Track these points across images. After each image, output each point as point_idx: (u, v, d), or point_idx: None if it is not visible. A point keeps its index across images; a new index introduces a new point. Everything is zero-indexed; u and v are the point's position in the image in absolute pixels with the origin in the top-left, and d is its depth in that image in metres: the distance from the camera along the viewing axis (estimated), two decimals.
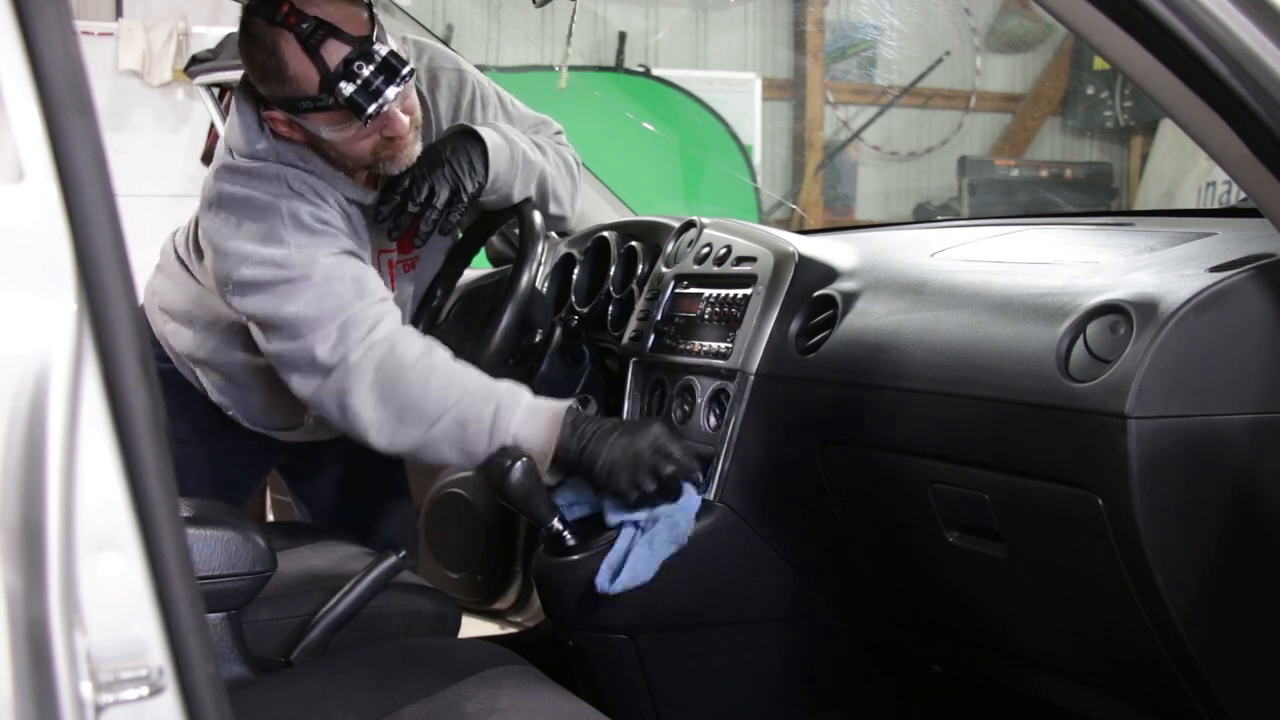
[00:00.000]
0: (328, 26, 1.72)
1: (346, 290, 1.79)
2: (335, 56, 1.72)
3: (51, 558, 0.67)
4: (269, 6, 1.73)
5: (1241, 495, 1.27)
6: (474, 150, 1.90)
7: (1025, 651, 1.61)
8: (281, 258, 1.79)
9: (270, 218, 1.81)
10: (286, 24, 1.71)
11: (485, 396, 1.75)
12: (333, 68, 1.72)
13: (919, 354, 1.51)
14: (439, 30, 5.92)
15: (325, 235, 1.83)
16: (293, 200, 1.83)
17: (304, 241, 1.81)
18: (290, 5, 1.72)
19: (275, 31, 1.72)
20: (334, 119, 1.77)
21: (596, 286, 2.19)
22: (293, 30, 1.71)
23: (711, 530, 1.75)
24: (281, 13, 1.71)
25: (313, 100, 1.74)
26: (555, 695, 1.50)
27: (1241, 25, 1.13)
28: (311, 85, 1.73)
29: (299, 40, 1.71)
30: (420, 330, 2.15)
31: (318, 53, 1.71)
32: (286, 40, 1.72)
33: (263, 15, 1.73)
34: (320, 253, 1.81)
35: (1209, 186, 6.05)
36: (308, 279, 1.78)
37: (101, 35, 5.37)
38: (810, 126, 7.23)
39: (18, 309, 0.71)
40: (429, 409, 1.74)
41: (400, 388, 1.75)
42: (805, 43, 7.37)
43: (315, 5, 1.73)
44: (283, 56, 1.73)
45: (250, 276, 1.80)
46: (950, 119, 7.50)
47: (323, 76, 1.72)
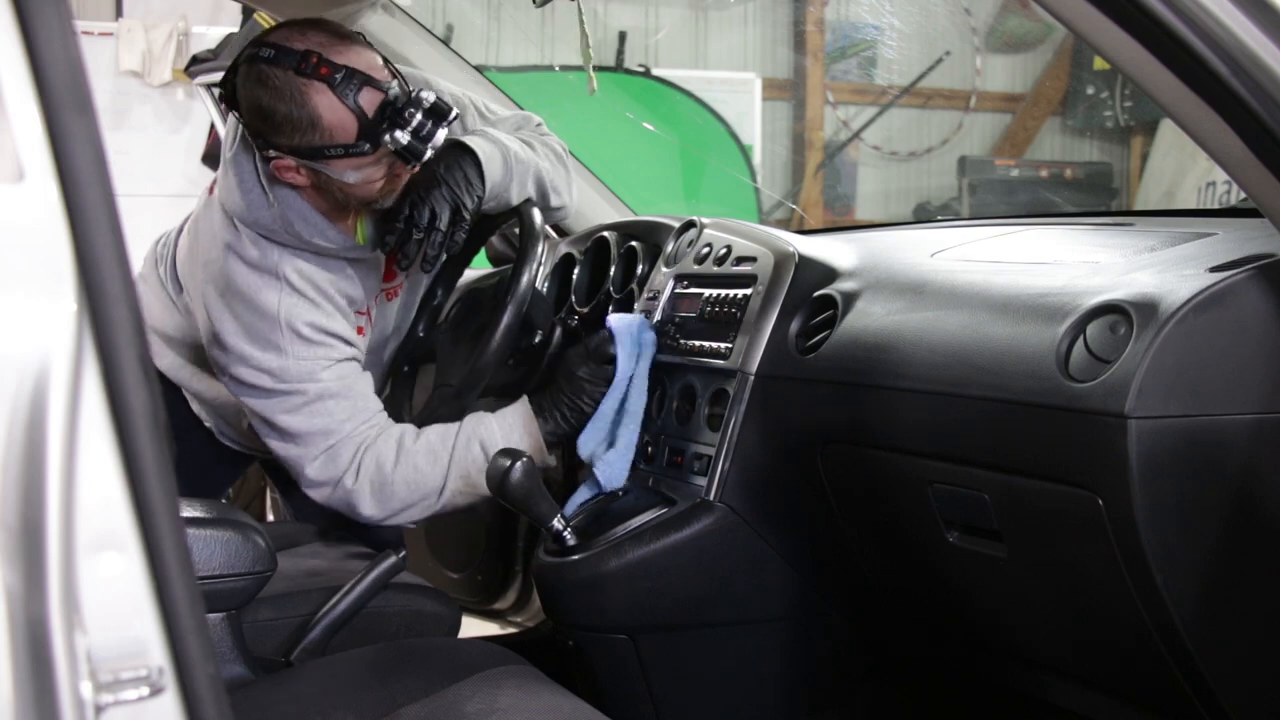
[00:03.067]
0: (361, 75, 1.73)
1: (339, 410, 1.87)
2: (372, 104, 1.73)
3: (51, 558, 0.67)
4: (291, 56, 1.72)
5: (1241, 495, 1.27)
6: (467, 164, 1.90)
7: (1025, 651, 1.61)
8: (278, 369, 1.84)
9: (270, 324, 1.84)
10: (318, 74, 1.71)
11: (465, 443, 1.88)
12: (371, 114, 1.73)
13: (919, 354, 1.51)
14: (439, 30, 5.92)
15: (323, 346, 1.86)
16: (294, 303, 1.85)
17: (303, 354, 1.85)
18: (319, 56, 1.72)
19: (304, 82, 1.72)
20: (359, 163, 1.77)
21: (596, 286, 2.19)
22: (325, 80, 1.71)
23: (711, 530, 1.76)
24: (311, 64, 1.71)
25: (345, 148, 1.74)
26: (555, 695, 1.50)
27: (1241, 25, 1.13)
28: (348, 134, 1.73)
29: (332, 90, 1.72)
30: (420, 331, 2.16)
31: (355, 101, 1.72)
32: (318, 90, 1.71)
33: (287, 66, 1.72)
34: (318, 366, 1.86)
35: (1209, 186, 6.05)
36: (303, 394, 1.85)
37: (101, 35, 5.37)
38: (810, 126, 7.22)
39: (18, 309, 0.70)
40: (432, 485, 1.89)
41: (397, 488, 1.88)
42: (805, 43, 7.36)
43: (340, 52, 1.74)
44: (314, 107, 1.72)
45: (247, 379, 1.85)
46: (950, 119, 7.50)
47: (361, 124, 1.73)
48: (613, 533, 1.78)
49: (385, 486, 1.88)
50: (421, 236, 1.86)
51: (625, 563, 1.74)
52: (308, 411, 1.85)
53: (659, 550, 1.75)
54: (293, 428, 1.86)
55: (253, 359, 1.84)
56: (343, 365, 1.89)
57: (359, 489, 1.88)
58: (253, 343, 1.84)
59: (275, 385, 1.84)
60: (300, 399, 1.85)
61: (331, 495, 1.90)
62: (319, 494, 1.91)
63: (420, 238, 1.86)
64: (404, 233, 1.86)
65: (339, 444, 1.87)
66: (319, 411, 1.86)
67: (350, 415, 1.87)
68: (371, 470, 1.87)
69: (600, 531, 1.79)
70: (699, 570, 1.77)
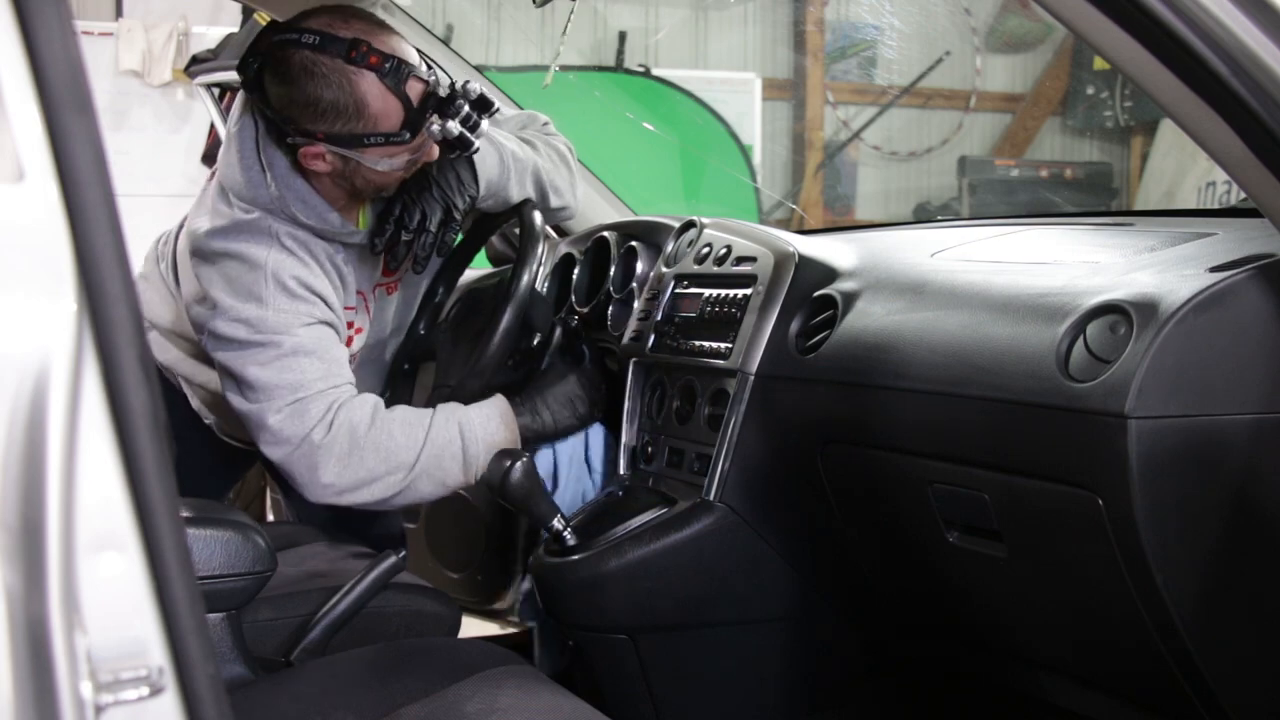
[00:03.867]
0: (408, 65, 1.75)
1: (311, 368, 1.82)
2: (417, 94, 1.75)
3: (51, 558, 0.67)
4: (340, 44, 1.73)
5: (1241, 495, 1.27)
6: (460, 164, 1.91)
7: (1025, 651, 1.61)
8: (257, 319, 1.81)
9: (255, 275, 1.82)
10: (367, 64, 1.72)
11: (444, 421, 1.84)
12: (417, 104, 1.75)
13: (919, 354, 1.51)
14: (439, 30, 5.92)
15: (305, 302, 1.84)
16: (282, 258, 1.84)
17: (284, 305, 1.82)
18: (369, 45, 1.73)
19: (352, 70, 1.72)
20: (395, 152, 1.79)
21: (596, 286, 2.19)
22: (374, 70, 1.73)
23: (711, 530, 1.76)
24: (361, 52, 1.73)
25: (386, 136, 1.76)
26: (555, 695, 1.51)
27: (1241, 25, 1.13)
28: (393, 122, 1.75)
29: (380, 79, 1.73)
30: (421, 330, 2.16)
31: (401, 89, 1.74)
32: (366, 79, 1.73)
33: (335, 53, 1.73)
34: (297, 321, 1.83)
35: (1209, 186, 6.05)
36: (277, 346, 1.81)
37: (101, 35, 5.37)
38: (810, 126, 7.22)
39: (18, 309, 0.70)
40: (404, 458, 1.82)
41: (369, 452, 1.80)
42: (805, 43, 7.36)
43: (385, 41, 1.75)
44: (361, 94, 1.73)
45: (224, 331, 1.82)
46: (950, 119, 7.50)
47: (407, 114, 1.75)
48: (613, 533, 1.78)
49: (355, 450, 1.80)
50: (411, 238, 1.86)
51: (625, 563, 1.75)
52: (279, 365, 1.80)
53: (659, 550, 1.75)
54: (261, 380, 1.80)
55: (232, 310, 1.81)
56: (321, 327, 1.85)
57: (326, 446, 1.79)
58: (234, 294, 1.82)
59: (251, 336, 1.80)
60: (274, 351, 1.80)
61: (293, 453, 1.80)
62: (279, 451, 1.81)
63: (409, 239, 1.86)
64: (394, 233, 1.86)
65: (308, 399, 1.80)
66: (291, 366, 1.80)
67: (322, 375, 1.82)
68: (344, 429, 1.79)
69: (600, 531, 1.79)
70: (699, 570, 1.77)
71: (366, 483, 1.82)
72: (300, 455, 1.80)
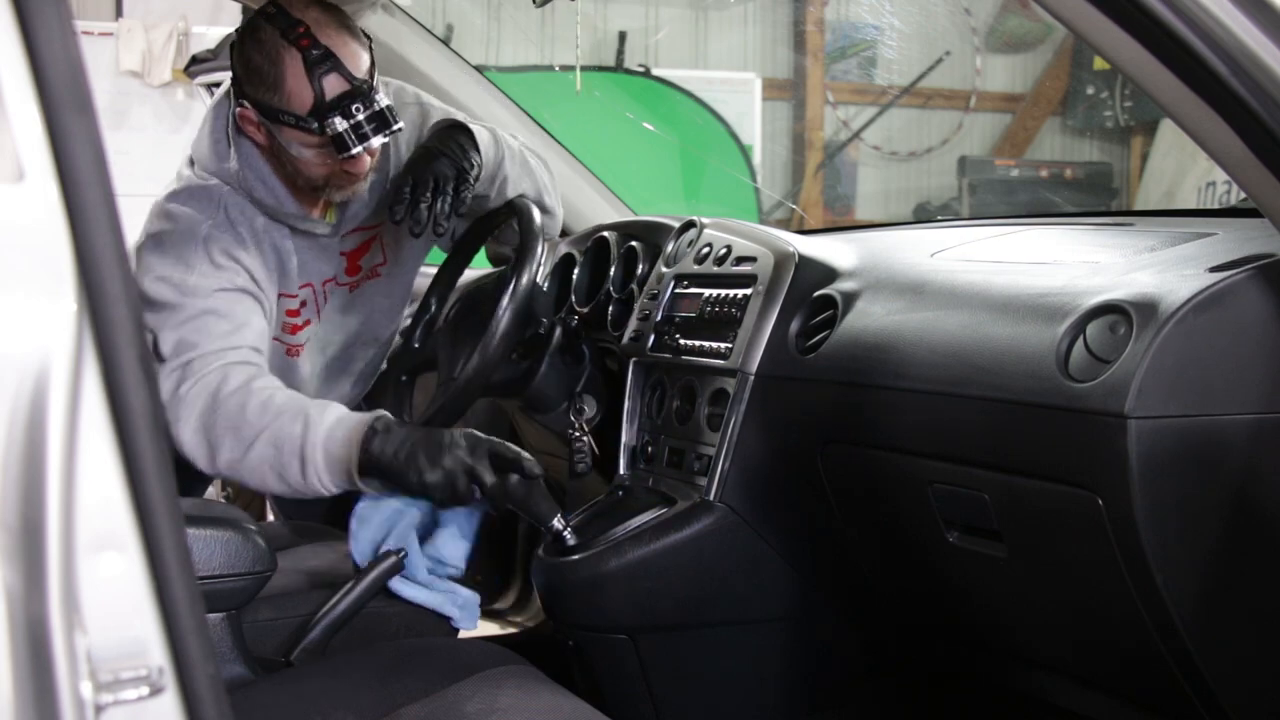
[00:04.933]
0: (335, 60, 1.80)
1: (216, 328, 1.82)
2: (334, 89, 1.79)
3: (51, 558, 0.67)
4: (284, 19, 1.80)
5: (1241, 495, 1.27)
6: (461, 136, 1.96)
7: (1025, 651, 1.61)
8: (178, 280, 1.84)
9: (190, 241, 1.86)
10: (298, 44, 1.78)
11: (295, 414, 1.76)
12: (329, 99, 1.79)
13: (919, 354, 1.51)
14: (439, 30, 5.92)
15: (227, 271, 1.87)
16: (219, 232, 1.88)
17: (206, 271, 1.86)
18: (307, 28, 1.79)
19: (284, 46, 1.79)
20: (306, 140, 1.83)
21: (596, 286, 2.19)
22: (302, 52, 1.78)
23: (711, 530, 1.76)
24: (297, 32, 1.79)
25: (296, 118, 1.81)
26: (555, 695, 1.51)
27: (1241, 25, 1.13)
28: (303, 106, 1.80)
29: (305, 63, 1.79)
30: (420, 333, 2.16)
31: (320, 80, 1.79)
32: (293, 57, 1.79)
33: (276, 26, 1.80)
34: (214, 285, 1.85)
35: (1209, 186, 6.05)
36: (187, 308, 1.83)
37: (101, 35, 5.37)
38: (810, 126, 7.22)
39: (18, 309, 0.70)
40: (245, 433, 1.76)
41: (219, 415, 1.77)
42: (805, 43, 7.36)
43: (328, 35, 1.80)
44: (284, 69, 1.79)
45: (149, 291, 1.85)
46: (950, 119, 7.50)
47: (316, 103, 1.79)
48: (613, 533, 1.78)
49: (211, 412, 1.77)
50: (429, 203, 1.89)
51: (625, 563, 1.75)
52: (189, 326, 1.81)
53: (659, 550, 1.75)
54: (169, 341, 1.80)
55: (158, 271, 1.84)
56: (238, 294, 1.87)
57: (189, 399, 1.77)
58: (164, 255, 1.85)
59: (169, 298, 1.82)
60: (185, 313, 1.82)
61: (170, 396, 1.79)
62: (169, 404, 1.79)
63: (428, 204, 1.89)
64: (411, 201, 1.89)
65: (200, 357, 1.80)
66: (197, 327, 1.81)
67: (223, 335, 1.82)
68: (212, 385, 1.78)
69: (600, 531, 1.79)
70: (699, 570, 1.77)
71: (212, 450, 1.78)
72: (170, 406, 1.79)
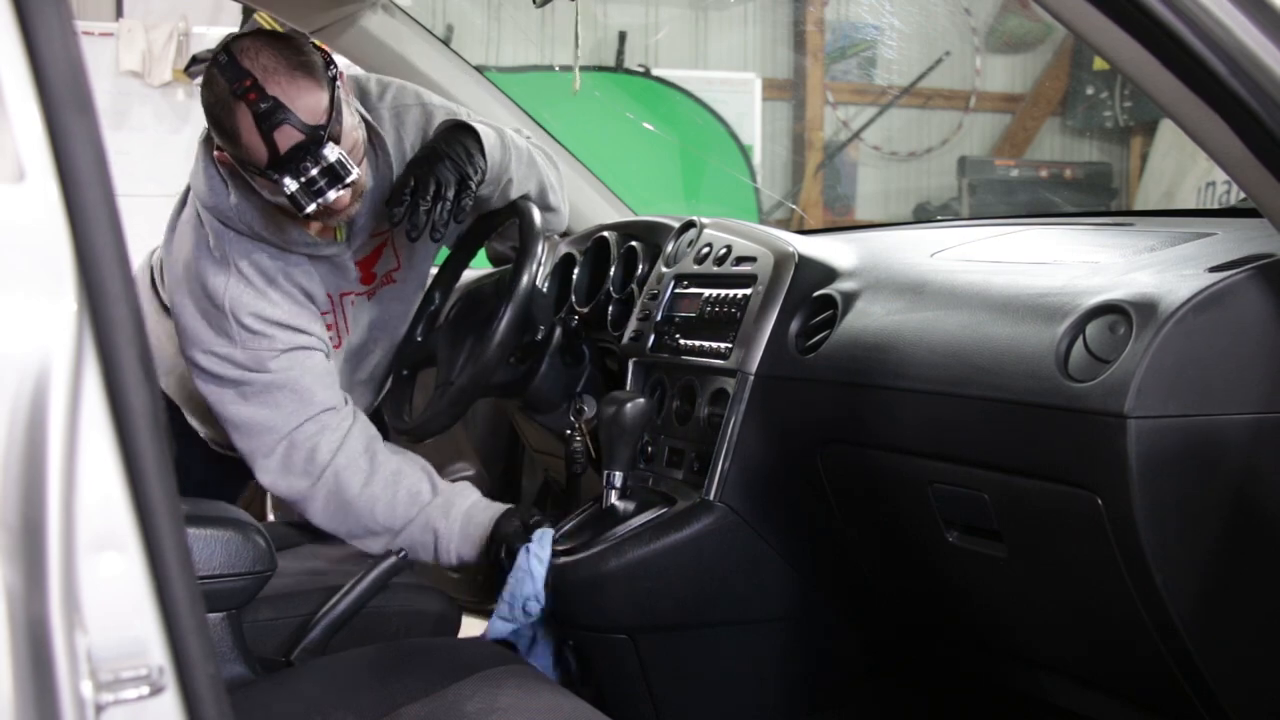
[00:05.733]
0: (284, 111, 1.74)
1: (288, 401, 1.89)
2: (286, 142, 1.74)
3: (52, 557, 0.67)
4: (234, 72, 1.75)
5: (1241, 495, 1.27)
6: (467, 138, 1.93)
7: (1025, 651, 1.61)
8: (228, 354, 1.88)
9: (219, 312, 1.88)
10: (246, 99, 1.73)
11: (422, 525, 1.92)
12: (282, 151, 1.74)
13: (919, 354, 1.51)
14: (439, 30, 5.92)
15: (267, 337, 1.89)
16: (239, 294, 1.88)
17: (250, 344, 1.88)
18: (254, 80, 1.74)
19: (233, 99, 1.74)
20: (274, 189, 1.79)
21: (596, 286, 2.19)
22: (250, 105, 1.73)
23: (711, 530, 1.75)
24: (244, 85, 1.74)
25: (258, 169, 1.77)
26: (555, 695, 1.51)
27: (1241, 25, 1.13)
28: (260, 160, 1.76)
29: (254, 117, 1.73)
30: (422, 327, 2.15)
31: (270, 134, 1.74)
32: (243, 111, 1.74)
33: (226, 78, 1.75)
34: (266, 356, 1.89)
35: (1209, 186, 6.04)
36: (251, 385, 1.88)
37: (102, 35, 5.36)
38: (810, 126, 7.22)
39: (18, 309, 0.70)
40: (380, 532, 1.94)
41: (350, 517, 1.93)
42: (805, 43, 7.35)
43: (278, 83, 1.74)
44: (237, 124, 1.75)
45: (203, 364, 1.89)
46: (950, 119, 7.49)
47: (271, 157, 1.75)
48: (613, 533, 1.78)
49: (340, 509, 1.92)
50: (429, 207, 1.87)
51: (625, 563, 1.74)
52: (258, 402, 1.88)
53: (659, 550, 1.75)
54: (243, 418, 1.89)
55: (207, 344, 1.88)
56: (291, 355, 1.90)
57: (312, 498, 1.92)
58: (207, 327, 1.88)
59: (226, 372, 1.88)
60: (249, 389, 1.88)
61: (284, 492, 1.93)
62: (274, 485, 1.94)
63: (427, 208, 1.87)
64: (411, 204, 1.87)
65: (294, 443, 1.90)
66: (268, 403, 1.88)
67: (302, 404, 1.89)
68: (329, 487, 1.91)
69: (600, 531, 1.79)
70: (699, 570, 1.77)
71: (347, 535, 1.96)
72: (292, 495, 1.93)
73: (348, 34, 2.28)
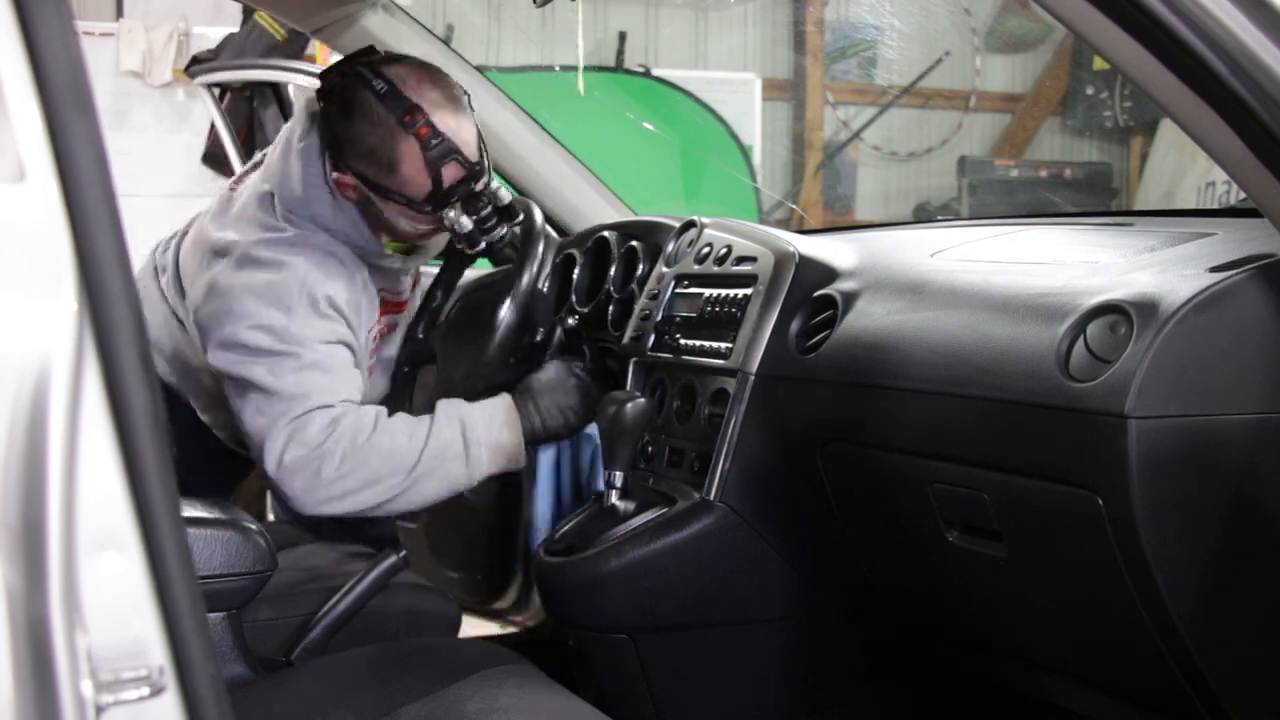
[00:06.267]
0: (454, 150, 1.77)
1: (323, 382, 1.83)
2: (452, 177, 1.78)
3: (52, 557, 0.67)
4: (399, 103, 1.75)
5: (1241, 495, 1.27)
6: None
7: (1025, 651, 1.61)
8: (280, 327, 1.82)
9: (288, 285, 1.84)
10: (416, 132, 1.75)
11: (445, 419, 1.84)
12: (447, 186, 1.77)
13: (919, 354, 1.51)
14: (439, 30, 5.92)
15: (328, 321, 1.86)
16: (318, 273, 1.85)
17: (308, 320, 1.84)
18: (425, 116, 1.75)
19: (399, 131, 1.75)
20: (413, 216, 1.81)
21: (596, 286, 2.19)
22: (419, 140, 1.75)
23: (711, 530, 1.75)
24: (414, 118, 1.75)
25: (408, 199, 1.78)
26: (555, 695, 1.51)
27: (1241, 25, 1.13)
28: (419, 193, 1.78)
29: (422, 150, 1.75)
30: (420, 333, 2.16)
31: (438, 169, 1.77)
32: (408, 144, 1.76)
33: (391, 109, 1.75)
34: (318, 336, 1.84)
35: (1209, 186, 6.05)
36: (296, 357, 1.82)
37: (102, 35, 5.36)
38: (810, 126, 7.22)
39: (18, 309, 0.71)
40: (406, 460, 1.81)
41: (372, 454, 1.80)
42: (805, 43, 7.35)
43: (446, 120, 1.77)
44: (400, 156, 1.77)
45: (244, 338, 1.82)
46: (950, 119, 7.49)
47: (434, 192, 1.77)
48: (613, 533, 1.78)
49: (357, 452, 1.79)
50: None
51: (625, 563, 1.74)
52: (295, 377, 1.81)
53: (659, 550, 1.75)
54: (272, 388, 1.81)
55: (256, 316, 1.81)
56: (340, 347, 1.87)
57: (329, 451, 1.78)
58: (262, 301, 1.82)
59: (272, 345, 1.81)
60: (291, 362, 1.81)
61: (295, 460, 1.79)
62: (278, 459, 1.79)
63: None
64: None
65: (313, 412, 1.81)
66: (305, 380, 1.81)
67: (328, 389, 1.83)
68: (348, 433, 1.80)
69: (600, 531, 1.79)
70: (699, 570, 1.77)
71: (369, 484, 1.80)
72: (303, 461, 1.79)
73: (348, 34, 2.27)
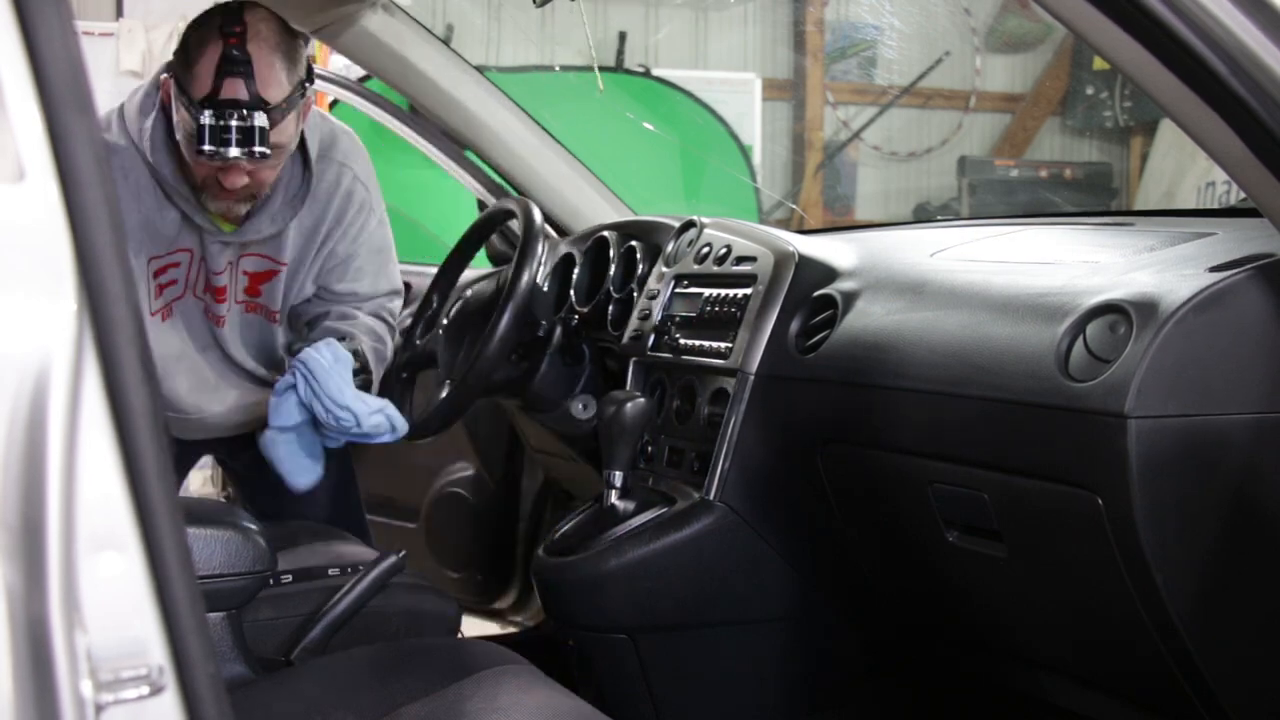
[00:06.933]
0: (248, 71, 1.76)
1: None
2: (230, 92, 1.76)
3: (52, 557, 0.67)
4: (232, 16, 1.78)
5: (1241, 495, 1.27)
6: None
7: (1025, 651, 1.61)
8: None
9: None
10: (227, 40, 1.76)
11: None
12: (220, 96, 1.76)
13: (919, 354, 1.51)
14: (439, 30, 5.92)
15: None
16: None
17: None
18: (243, 31, 1.77)
19: (214, 35, 1.77)
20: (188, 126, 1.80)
21: (596, 286, 2.19)
22: (224, 49, 1.76)
23: (711, 530, 1.76)
24: (233, 30, 1.77)
25: (188, 100, 1.78)
26: (555, 695, 1.51)
27: (1241, 25, 1.13)
28: (198, 92, 1.77)
29: (222, 58, 1.76)
30: (420, 329, 2.15)
31: (222, 77, 1.76)
32: (214, 48, 1.76)
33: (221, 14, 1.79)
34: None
35: (1209, 186, 6.05)
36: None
37: (102, 35, 5.36)
38: (810, 126, 7.22)
39: (18, 309, 0.70)
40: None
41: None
42: (805, 43, 7.36)
43: (259, 48, 1.78)
44: (202, 53, 1.77)
45: None
46: (950, 119, 7.50)
47: (207, 96, 1.76)
48: (613, 533, 1.78)
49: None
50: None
51: (625, 563, 1.75)
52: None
53: (659, 550, 1.75)
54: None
55: None
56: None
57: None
58: None
59: None
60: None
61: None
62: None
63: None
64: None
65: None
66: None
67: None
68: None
69: (600, 531, 1.79)
70: (699, 570, 1.77)
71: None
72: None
73: (348, 34, 2.28)
